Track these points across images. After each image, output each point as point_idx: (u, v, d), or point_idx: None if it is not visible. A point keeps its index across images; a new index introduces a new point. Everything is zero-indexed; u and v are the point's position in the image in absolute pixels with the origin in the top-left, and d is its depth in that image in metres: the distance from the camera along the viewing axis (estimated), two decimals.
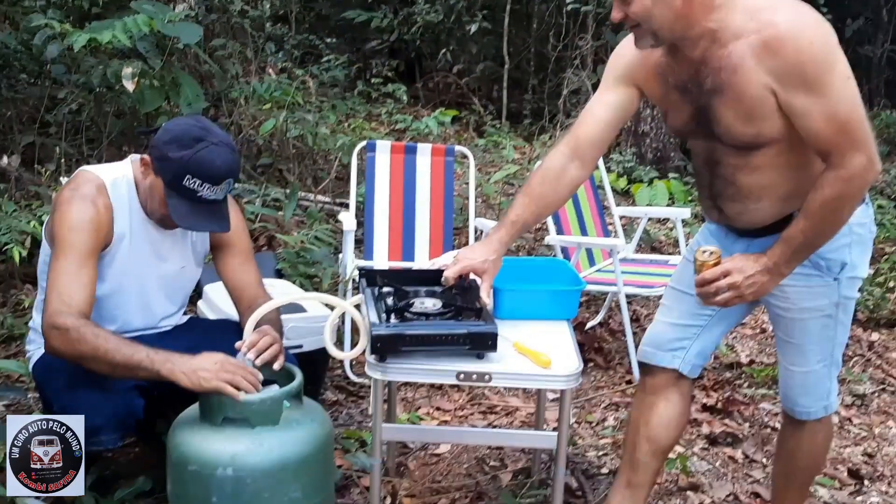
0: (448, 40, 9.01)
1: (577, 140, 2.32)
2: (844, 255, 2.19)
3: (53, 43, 4.34)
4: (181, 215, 2.29)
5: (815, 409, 2.38)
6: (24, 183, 4.29)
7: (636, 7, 2.00)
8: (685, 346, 2.44)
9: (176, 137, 2.27)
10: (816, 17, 1.94)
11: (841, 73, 1.93)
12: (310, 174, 5.36)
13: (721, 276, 2.12)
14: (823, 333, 2.28)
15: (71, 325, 2.17)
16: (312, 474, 2.23)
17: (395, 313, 2.25)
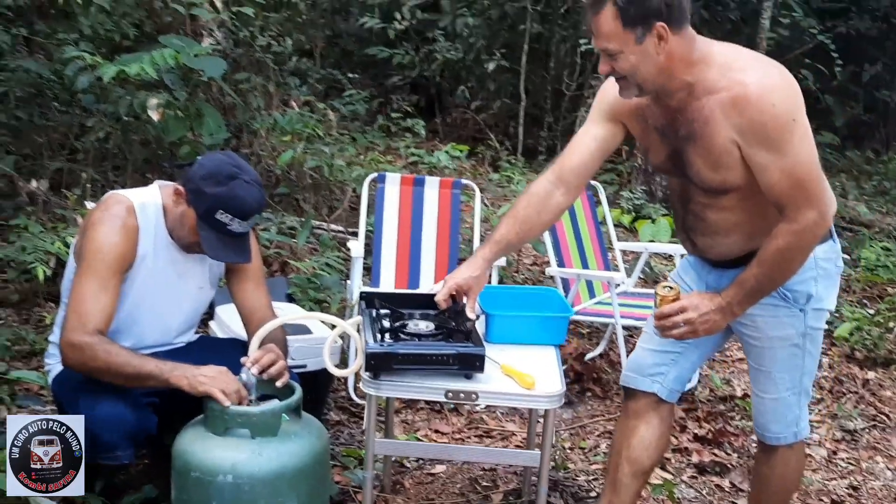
0: (467, 77, 9.22)
1: (562, 168, 2.47)
2: (810, 288, 2.32)
3: (85, 74, 4.55)
4: (211, 246, 2.46)
5: (784, 435, 2.50)
6: (51, 206, 4.49)
7: (623, 63, 2.16)
8: (664, 371, 2.58)
9: (211, 174, 2.45)
10: (784, 78, 2.10)
11: (801, 134, 2.09)
12: (325, 204, 5.54)
13: (678, 312, 2.28)
14: (791, 362, 2.41)
15: (85, 342, 2.33)
16: (308, 484, 2.37)
17: (389, 333, 2.40)
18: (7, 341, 3.62)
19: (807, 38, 8.91)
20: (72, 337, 2.34)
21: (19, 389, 3.37)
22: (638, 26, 2.10)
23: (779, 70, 2.13)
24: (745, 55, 2.18)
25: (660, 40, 2.11)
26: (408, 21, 9.09)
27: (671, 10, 2.10)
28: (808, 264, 2.29)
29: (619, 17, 2.10)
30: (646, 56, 2.13)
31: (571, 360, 4.21)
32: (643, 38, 2.11)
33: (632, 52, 2.13)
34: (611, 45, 2.14)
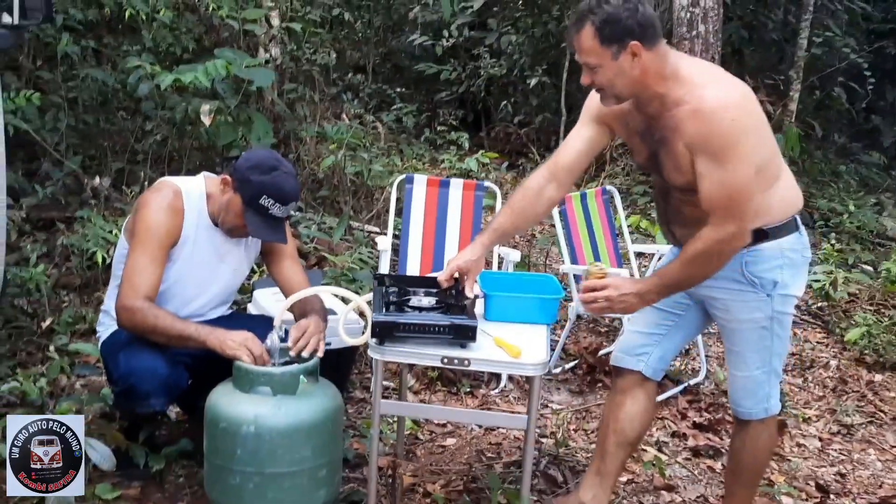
0: (511, 93, 9.53)
1: (556, 165, 2.78)
2: (776, 275, 2.59)
3: (145, 82, 5.00)
4: (255, 227, 2.84)
5: (755, 411, 2.76)
6: (113, 201, 4.93)
7: (601, 77, 2.47)
8: (648, 351, 2.86)
9: (256, 165, 2.84)
10: (743, 99, 2.38)
11: (744, 153, 2.36)
12: (363, 207, 5.90)
13: (601, 288, 2.57)
14: (760, 343, 2.67)
15: (137, 307, 2.72)
16: (321, 438, 2.69)
17: (394, 306, 2.72)
18: (69, 318, 4.03)
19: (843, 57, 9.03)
20: (125, 302, 2.73)
21: (78, 361, 3.77)
22: (614, 44, 2.39)
23: (741, 91, 2.41)
24: (712, 73, 2.47)
25: (634, 56, 2.40)
26: (455, 39, 9.45)
27: (644, 30, 2.39)
28: (773, 253, 2.57)
29: (597, 36, 2.39)
30: (621, 70, 2.42)
31: (586, 354, 4.49)
32: (619, 55, 2.40)
33: (609, 67, 2.42)
34: (590, 60, 2.44)
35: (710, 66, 2.54)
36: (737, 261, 2.57)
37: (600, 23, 2.38)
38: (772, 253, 2.58)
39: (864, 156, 10.69)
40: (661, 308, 2.82)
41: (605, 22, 2.37)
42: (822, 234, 7.22)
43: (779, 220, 2.58)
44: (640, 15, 2.38)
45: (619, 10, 2.37)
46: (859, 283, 5.89)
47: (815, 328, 5.35)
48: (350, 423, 3.56)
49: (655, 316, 2.85)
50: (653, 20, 2.43)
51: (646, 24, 2.40)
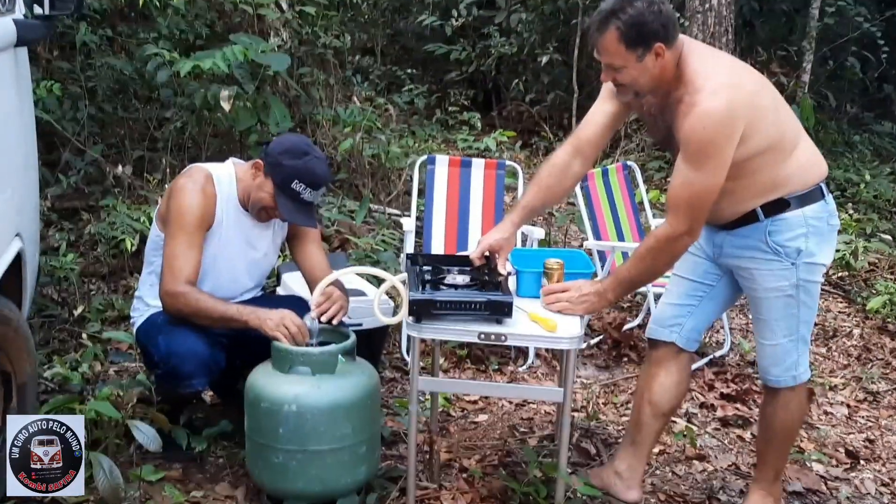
0: (522, 71, 9.51)
1: (579, 141, 2.82)
2: (800, 244, 2.62)
3: (163, 69, 5.01)
4: (287, 210, 2.88)
5: (784, 378, 2.79)
6: (135, 189, 4.96)
7: (624, 76, 2.52)
8: (681, 322, 2.89)
9: (288, 150, 2.88)
10: (729, 107, 2.42)
11: (716, 162, 2.43)
12: (382, 189, 5.92)
13: (562, 290, 2.68)
14: (787, 311, 2.70)
15: (180, 291, 2.79)
16: (360, 415, 2.75)
17: (430, 284, 2.75)
18: (100, 306, 4.07)
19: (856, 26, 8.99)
20: (168, 287, 2.78)
21: (111, 348, 3.82)
22: (640, 47, 2.43)
23: (730, 97, 2.43)
24: (712, 73, 2.48)
25: (657, 57, 2.45)
26: (464, 18, 9.43)
27: (667, 30, 2.44)
28: (797, 222, 2.61)
29: (622, 39, 2.42)
30: (644, 71, 2.48)
31: (611, 329, 4.52)
32: (643, 57, 2.45)
33: (633, 68, 2.48)
34: (615, 62, 2.49)
35: (714, 62, 2.56)
36: (761, 230, 2.63)
37: (626, 26, 2.41)
38: (796, 221, 2.61)
39: (876, 125, 10.66)
40: (693, 279, 2.86)
41: (630, 25, 2.40)
42: (839, 205, 7.21)
43: (800, 189, 2.61)
44: (663, 16, 2.42)
45: (645, 13, 2.39)
46: (879, 251, 5.90)
47: (836, 298, 5.36)
48: (383, 401, 3.59)
49: (687, 287, 2.88)
50: (674, 18, 2.49)
51: (668, 24, 2.45)
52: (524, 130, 9.18)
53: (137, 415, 2.83)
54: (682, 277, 2.89)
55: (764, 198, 2.60)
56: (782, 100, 2.67)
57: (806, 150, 2.68)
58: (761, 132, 2.50)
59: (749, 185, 2.57)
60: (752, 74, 2.63)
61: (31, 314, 3.85)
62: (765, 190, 2.59)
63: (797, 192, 2.60)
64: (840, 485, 3.29)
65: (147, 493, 2.78)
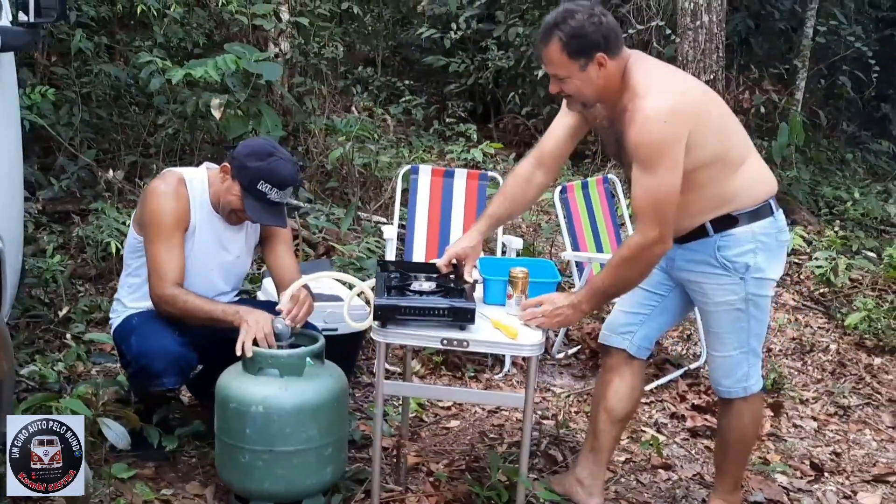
0: (520, 84, 9.60)
1: (542, 153, 2.91)
2: (748, 259, 2.69)
3: (157, 77, 5.12)
4: (254, 211, 2.96)
5: (735, 389, 2.86)
6: (126, 194, 5.05)
7: (569, 86, 2.61)
8: (633, 329, 2.97)
9: (253, 152, 2.96)
10: (674, 110, 2.49)
11: (669, 164, 2.49)
12: (371, 197, 6.01)
13: (536, 304, 2.73)
14: (736, 324, 2.77)
15: (169, 294, 2.88)
16: (327, 418, 2.81)
17: (396, 290, 2.83)
18: (85, 307, 4.16)
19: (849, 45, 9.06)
20: (157, 291, 2.88)
21: (94, 349, 3.90)
22: (581, 57, 2.53)
23: (672, 100, 2.51)
24: (656, 80, 2.56)
25: (600, 67, 2.54)
26: (463, 31, 9.53)
27: (608, 41, 2.53)
28: (746, 238, 2.68)
29: (565, 50, 2.52)
30: (588, 80, 2.56)
31: (589, 340, 4.58)
32: (586, 67, 2.54)
33: (576, 78, 2.57)
34: (559, 72, 2.58)
35: (658, 72, 2.64)
36: (710, 245, 2.69)
37: (567, 37, 2.50)
38: (744, 237, 2.68)
39: (873, 144, 10.71)
40: (646, 288, 2.91)
41: (571, 36, 2.50)
42: (826, 222, 7.28)
43: (748, 205, 2.67)
44: (604, 27, 2.51)
45: (585, 24, 2.49)
46: (862, 269, 5.95)
47: (816, 314, 5.42)
48: (357, 406, 3.67)
49: (640, 296, 2.94)
50: (616, 30, 2.57)
51: (610, 35, 2.53)
52: (520, 143, 9.25)
53: (110, 413, 2.89)
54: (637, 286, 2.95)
55: (712, 213, 2.67)
56: (731, 114, 2.75)
57: (754, 166, 2.74)
58: (707, 142, 2.57)
59: (697, 198, 2.63)
60: (699, 86, 2.72)
61: (18, 314, 3.94)
62: (713, 205, 2.66)
63: (746, 208, 2.67)
64: (802, 496, 3.34)
65: (118, 490, 2.85)
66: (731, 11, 8.01)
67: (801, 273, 6.06)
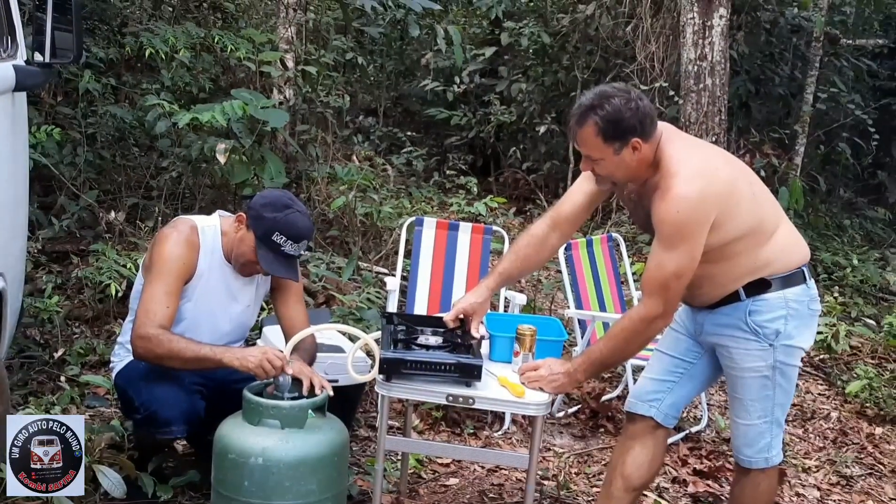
0: (521, 139, 9.66)
1: (558, 215, 2.89)
2: (779, 326, 2.66)
3: (162, 120, 5.13)
4: (267, 262, 2.92)
5: (756, 460, 2.81)
6: (127, 236, 5.02)
7: (602, 168, 2.62)
8: (660, 397, 2.91)
9: (270, 203, 2.94)
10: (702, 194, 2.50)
11: (688, 245, 2.50)
12: (372, 248, 5.99)
13: (534, 369, 2.72)
14: (762, 392, 2.73)
15: (152, 334, 2.79)
16: (327, 472, 2.75)
17: (402, 344, 2.79)
18: (80, 350, 4.10)
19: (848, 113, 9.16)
20: (140, 331, 2.80)
21: (88, 392, 3.83)
22: (617, 141, 2.52)
23: (703, 184, 2.51)
24: (686, 160, 2.56)
25: (634, 150, 2.54)
26: (466, 85, 9.61)
27: (643, 126, 2.54)
28: (778, 304, 2.66)
29: (600, 134, 2.52)
30: (621, 163, 2.57)
31: (589, 399, 4.53)
32: (620, 150, 2.54)
33: (610, 161, 2.57)
34: (593, 154, 2.58)
35: (690, 151, 2.63)
36: (741, 310, 2.67)
37: (603, 122, 2.50)
38: (776, 303, 2.66)
39: (869, 211, 10.77)
40: (674, 355, 2.89)
41: (608, 121, 2.50)
42: (825, 287, 7.27)
43: (782, 270, 2.67)
44: (640, 112, 2.51)
45: (622, 109, 2.49)
46: (861, 336, 5.93)
47: (816, 380, 5.38)
48: (354, 460, 3.60)
49: (668, 363, 2.91)
50: (651, 114, 2.57)
51: (645, 119, 2.53)
52: (520, 197, 9.28)
53: (105, 460, 2.83)
54: (664, 353, 2.93)
55: (746, 279, 2.65)
56: (761, 185, 2.74)
57: (787, 233, 2.74)
58: (738, 218, 2.57)
59: (729, 269, 2.63)
60: (730, 163, 2.72)
61: (12, 354, 3.88)
62: (745, 273, 2.65)
63: (779, 273, 2.66)
64: None
65: None
66: (732, 75, 8.08)
67: None
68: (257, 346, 2.82)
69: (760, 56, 9.33)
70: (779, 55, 9.60)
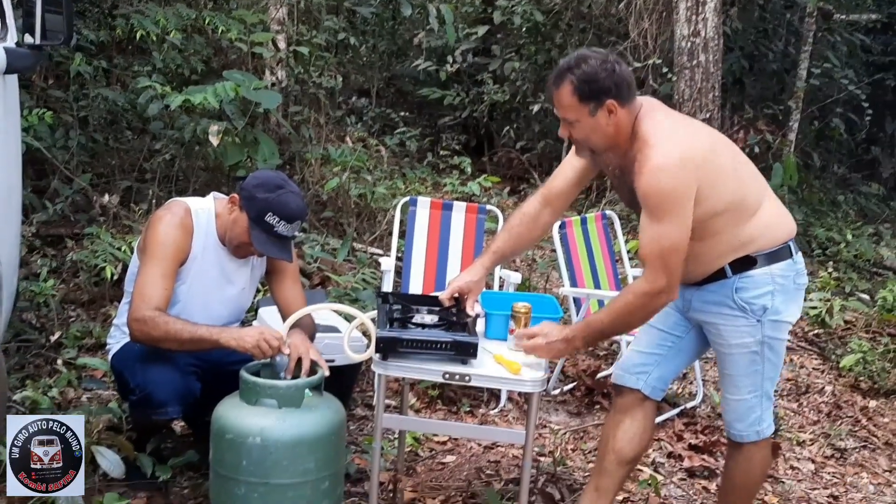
0: (514, 118, 9.64)
1: (549, 192, 2.89)
2: (766, 301, 2.67)
3: (155, 102, 5.11)
4: (260, 243, 2.92)
5: (747, 434, 2.83)
6: (121, 219, 5.01)
7: (578, 132, 2.61)
8: (648, 370, 2.92)
9: (262, 183, 2.93)
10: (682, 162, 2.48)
11: (677, 213, 2.49)
12: (367, 228, 5.99)
13: (532, 335, 2.70)
14: (751, 367, 2.74)
15: (148, 316, 2.80)
16: (324, 451, 2.76)
17: (398, 322, 2.80)
18: (77, 333, 4.10)
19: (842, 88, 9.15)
20: (136, 314, 2.80)
21: (85, 374, 3.84)
22: (591, 101, 2.53)
23: (682, 150, 2.51)
24: (668, 131, 2.55)
25: (610, 114, 2.54)
26: (459, 64, 9.57)
27: (620, 89, 2.54)
28: (764, 280, 2.66)
29: (576, 93, 2.53)
30: (597, 126, 2.56)
31: (584, 376, 4.56)
32: (596, 112, 2.54)
33: (586, 123, 2.57)
34: (569, 115, 2.58)
35: (669, 122, 2.62)
36: (728, 286, 2.68)
37: (579, 81, 2.51)
38: (762, 279, 2.66)
39: (863, 186, 10.80)
40: (662, 329, 2.90)
41: (583, 80, 2.51)
42: (819, 263, 7.30)
43: (768, 246, 2.66)
44: (616, 75, 2.52)
45: (598, 69, 2.51)
46: (856, 311, 5.96)
47: (811, 355, 5.41)
48: (352, 439, 3.62)
49: (656, 336, 2.93)
50: (629, 78, 2.57)
51: (621, 83, 2.54)
52: (514, 177, 9.27)
53: (104, 442, 2.84)
54: (652, 326, 2.93)
55: (731, 256, 2.65)
56: (746, 161, 2.75)
57: (771, 208, 2.74)
58: (719, 191, 2.56)
59: (714, 245, 2.63)
60: (711, 135, 2.72)
61: (9, 338, 3.88)
62: (731, 249, 2.65)
63: (765, 249, 2.66)
64: None
65: None
66: (726, 51, 8.07)
67: None
68: (254, 326, 2.82)
69: (754, 32, 9.31)
70: (772, 31, 9.57)
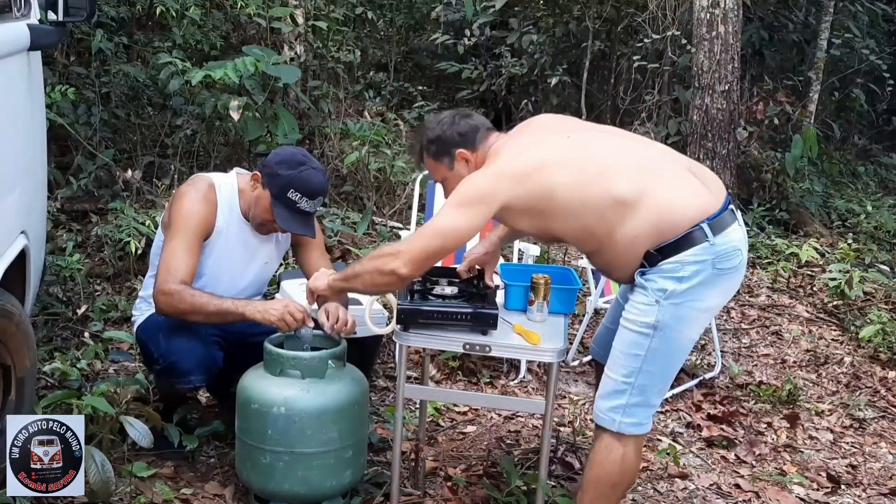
0: (532, 91, 9.62)
1: None
2: (668, 284, 2.48)
3: (176, 78, 5.15)
4: (283, 219, 2.97)
5: (605, 418, 2.62)
6: (144, 194, 5.07)
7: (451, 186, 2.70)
8: None
9: (284, 160, 2.98)
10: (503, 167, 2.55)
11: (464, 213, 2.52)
12: (386, 202, 6.03)
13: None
14: (632, 349, 2.56)
15: (174, 289, 2.85)
16: (348, 420, 2.82)
17: (419, 294, 2.84)
18: (103, 306, 4.17)
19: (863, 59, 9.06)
20: (163, 286, 2.85)
21: (112, 347, 3.91)
22: (445, 156, 2.72)
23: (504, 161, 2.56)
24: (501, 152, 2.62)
25: (467, 162, 2.70)
26: (477, 38, 9.54)
27: (465, 138, 2.71)
28: (673, 267, 2.47)
29: (431, 156, 2.76)
30: (460, 175, 2.69)
31: None
32: (453, 165, 2.72)
33: (451, 176, 2.74)
34: (436, 177, 2.82)
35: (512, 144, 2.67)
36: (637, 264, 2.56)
37: (428, 144, 2.76)
38: (670, 267, 2.49)
39: (884, 157, 10.71)
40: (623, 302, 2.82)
41: (430, 143, 2.75)
42: (839, 234, 7.28)
43: (669, 237, 2.48)
44: (458, 126, 2.72)
45: (437, 129, 2.75)
46: (875, 282, 5.94)
47: (829, 326, 5.42)
48: (374, 409, 3.67)
49: (618, 310, 2.77)
50: (469, 127, 2.74)
51: (465, 132, 2.72)
52: None
53: (132, 412, 2.90)
54: (619, 300, 2.86)
55: (633, 259, 2.54)
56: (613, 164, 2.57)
57: (662, 198, 2.51)
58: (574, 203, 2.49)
59: (611, 252, 2.56)
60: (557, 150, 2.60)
61: (36, 311, 3.96)
62: (627, 252, 2.54)
63: (666, 240, 2.48)
64: None
65: (138, 488, 2.87)
66: (745, 22, 8.01)
67: (815, 285, 6.05)
68: (278, 299, 2.87)
69: (774, 2, 9.22)
70: (792, 1, 9.48)
